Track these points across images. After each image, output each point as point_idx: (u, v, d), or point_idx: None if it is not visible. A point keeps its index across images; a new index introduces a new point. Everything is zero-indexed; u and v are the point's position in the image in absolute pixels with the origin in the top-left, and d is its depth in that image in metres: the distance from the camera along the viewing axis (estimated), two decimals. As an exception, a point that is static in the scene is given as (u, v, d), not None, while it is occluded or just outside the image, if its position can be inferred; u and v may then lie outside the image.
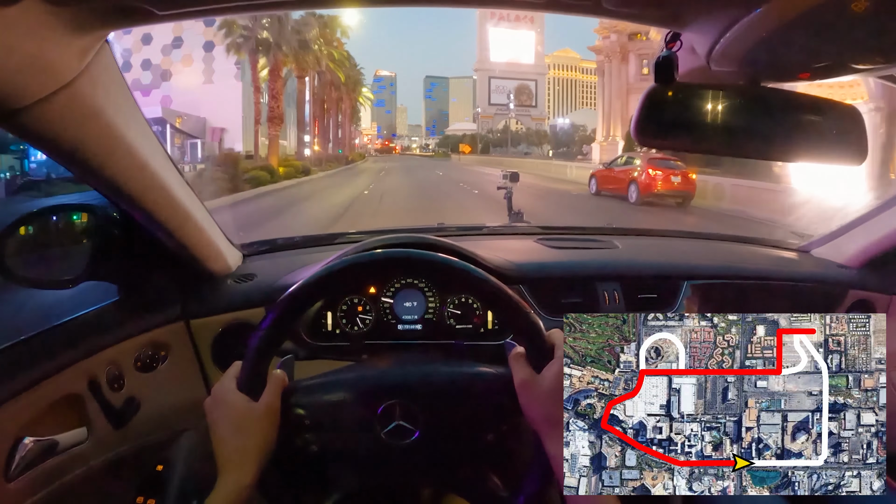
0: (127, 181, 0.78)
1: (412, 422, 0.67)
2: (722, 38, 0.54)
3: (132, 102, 0.76)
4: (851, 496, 0.53)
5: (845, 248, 1.37)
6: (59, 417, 0.81)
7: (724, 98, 0.62)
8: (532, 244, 1.36)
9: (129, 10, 0.57)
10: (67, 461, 0.81)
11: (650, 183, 11.03)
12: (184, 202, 0.90)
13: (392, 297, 1.13)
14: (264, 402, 0.65)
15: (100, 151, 0.71)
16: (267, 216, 9.81)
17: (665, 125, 0.63)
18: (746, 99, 0.63)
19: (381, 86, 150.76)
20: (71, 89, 0.61)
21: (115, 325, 0.92)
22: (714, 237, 1.66)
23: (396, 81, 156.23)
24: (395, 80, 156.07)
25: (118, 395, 0.89)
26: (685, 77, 0.64)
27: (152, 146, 0.81)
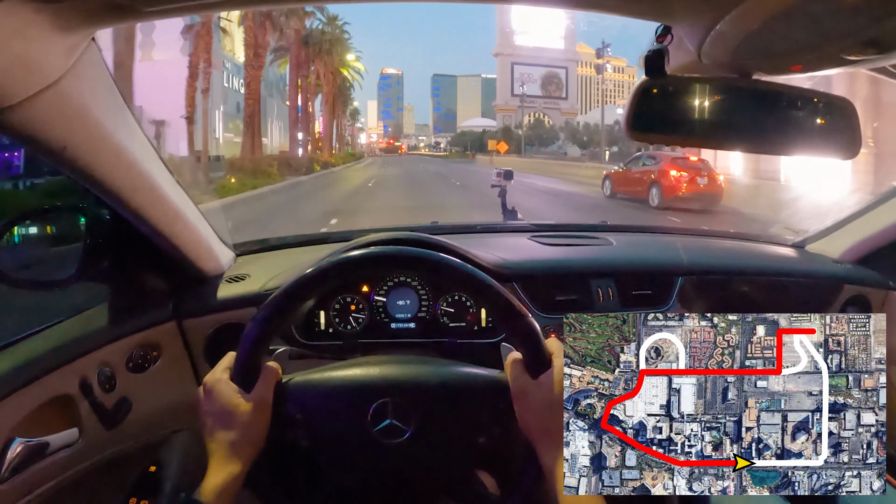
0: (116, 180, 0.78)
1: (404, 421, 0.68)
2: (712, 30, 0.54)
3: (120, 101, 0.76)
4: (851, 496, 0.54)
5: (840, 243, 1.39)
6: (51, 418, 0.81)
7: (716, 91, 0.62)
8: (526, 241, 1.37)
9: (116, 8, 0.57)
10: (59, 462, 0.81)
11: (674, 185, 10.22)
12: (174, 201, 0.90)
13: (385, 295, 1.13)
14: (256, 394, 0.66)
15: (88, 150, 0.72)
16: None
17: (657, 119, 0.63)
18: (738, 92, 0.63)
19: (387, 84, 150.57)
20: (58, 88, 0.61)
21: (107, 326, 0.93)
22: (708, 233, 1.68)
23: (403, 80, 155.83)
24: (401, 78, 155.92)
25: (110, 396, 0.89)
26: (677, 71, 0.64)
27: (141, 145, 0.81)
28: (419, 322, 1.13)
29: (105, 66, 0.71)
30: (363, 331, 1.12)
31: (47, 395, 0.80)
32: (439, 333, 1.12)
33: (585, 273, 1.19)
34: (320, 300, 1.11)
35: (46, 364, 0.81)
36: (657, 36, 0.59)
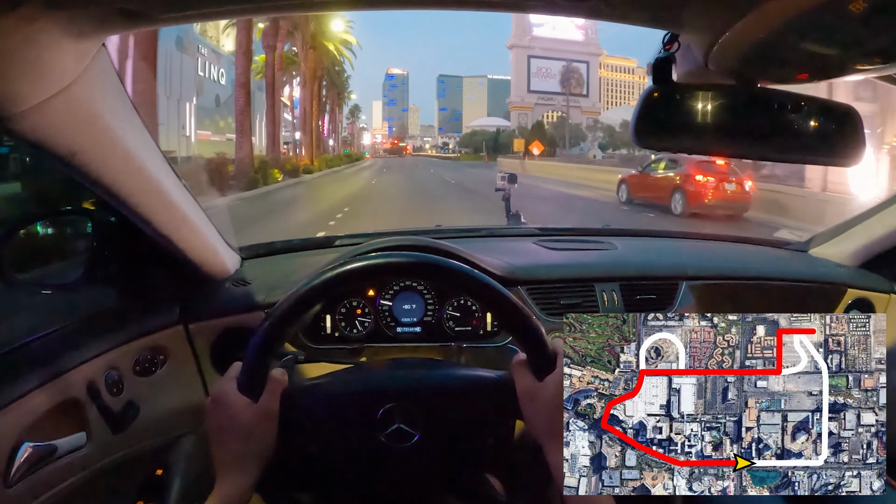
0: (124, 185, 0.80)
1: (412, 425, 0.69)
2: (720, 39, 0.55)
3: (129, 106, 0.78)
4: (851, 496, 0.55)
5: (843, 247, 1.40)
6: (59, 422, 0.82)
7: (722, 99, 0.63)
8: (531, 246, 1.38)
9: (128, 14, 0.58)
10: (67, 466, 0.82)
11: (700, 191, 9.52)
12: (181, 205, 0.91)
13: (391, 299, 1.14)
14: (264, 403, 0.67)
15: (97, 155, 0.73)
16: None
17: (663, 126, 0.64)
18: (744, 99, 0.64)
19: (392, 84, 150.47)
20: (69, 93, 0.62)
21: (114, 329, 0.94)
22: (711, 237, 1.68)
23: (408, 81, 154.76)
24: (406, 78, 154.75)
25: (117, 400, 0.90)
26: (683, 78, 0.65)
27: (149, 150, 0.83)
28: (425, 326, 1.14)
29: (115, 71, 0.72)
30: (369, 335, 1.13)
31: (56, 399, 0.82)
32: (445, 338, 1.13)
33: (590, 278, 1.20)
34: (326, 304, 1.13)
35: (55, 368, 0.82)
36: (664, 43, 0.60)
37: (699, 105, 0.63)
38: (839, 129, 0.65)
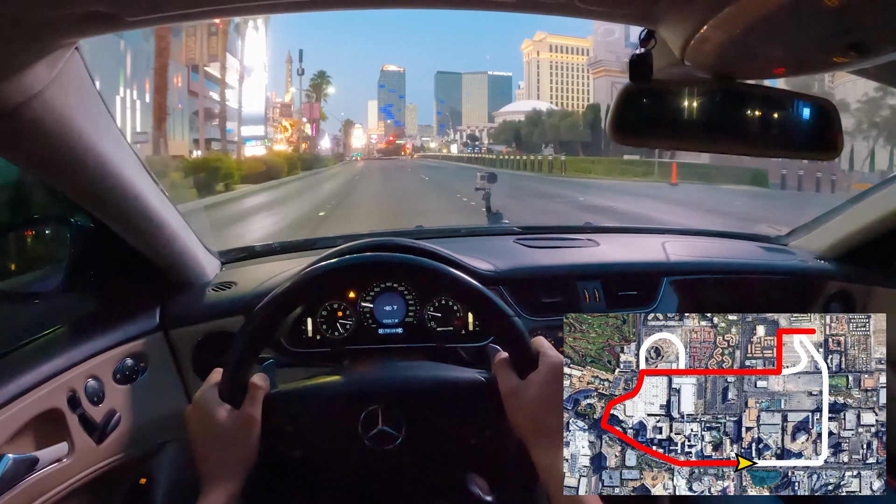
0: (100, 190, 0.80)
1: (395, 427, 0.71)
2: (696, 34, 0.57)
3: (103, 110, 0.78)
4: (851, 496, 0.57)
5: (823, 240, 1.45)
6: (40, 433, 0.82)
7: (700, 94, 0.66)
8: (511, 244, 1.41)
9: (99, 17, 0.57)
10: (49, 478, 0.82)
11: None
12: (159, 211, 0.92)
13: (372, 301, 1.16)
14: (246, 410, 0.68)
15: (71, 160, 0.73)
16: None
17: (641, 123, 0.67)
18: (722, 95, 0.67)
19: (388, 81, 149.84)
20: (41, 98, 0.62)
21: (94, 337, 0.94)
22: (692, 232, 1.73)
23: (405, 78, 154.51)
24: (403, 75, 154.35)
25: (98, 409, 0.90)
26: (660, 74, 0.68)
27: (125, 154, 0.83)
28: (407, 327, 1.16)
29: (88, 75, 0.72)
30: (351, 337, 1.15)
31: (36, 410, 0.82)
32: (427, 338, 1.15)
33: (571, 275, 1.24)
34: (307, 308, 1.14)
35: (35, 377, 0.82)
36: (641, 40, 0.63)
37: (677, 101, 0.65)
38: (817, 122, 0.68)
